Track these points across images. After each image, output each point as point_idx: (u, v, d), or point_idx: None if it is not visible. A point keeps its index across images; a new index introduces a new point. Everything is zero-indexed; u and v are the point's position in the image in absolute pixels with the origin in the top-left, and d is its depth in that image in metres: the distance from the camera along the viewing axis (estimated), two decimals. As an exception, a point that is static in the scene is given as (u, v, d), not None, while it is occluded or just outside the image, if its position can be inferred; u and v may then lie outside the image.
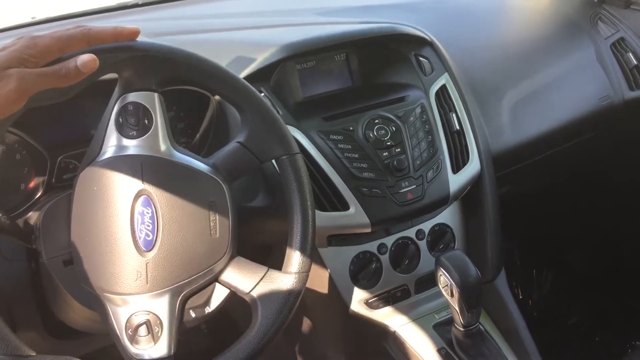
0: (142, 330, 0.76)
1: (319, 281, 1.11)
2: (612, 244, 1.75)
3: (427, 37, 1.21)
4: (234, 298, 0.83)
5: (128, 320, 0.77)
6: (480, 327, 1.05)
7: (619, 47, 1.45)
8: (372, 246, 1.11)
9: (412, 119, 1.09)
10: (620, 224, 1.70)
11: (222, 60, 1.00)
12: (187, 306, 0.80)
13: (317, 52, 1.12)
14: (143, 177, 0.77)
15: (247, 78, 1.02)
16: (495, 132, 1.25)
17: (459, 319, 1.01)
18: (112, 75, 0.77)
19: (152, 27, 1.29)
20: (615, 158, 1.60)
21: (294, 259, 0.82)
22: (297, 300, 0.81)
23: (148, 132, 0.79)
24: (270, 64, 1.06)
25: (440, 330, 1.12)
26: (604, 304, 1.80)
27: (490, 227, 1.19)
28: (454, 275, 0.96)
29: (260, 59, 1.06)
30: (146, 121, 0.79)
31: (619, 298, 1.77)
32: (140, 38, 0.75)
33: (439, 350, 1.08)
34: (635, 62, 1.43)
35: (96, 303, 0.80)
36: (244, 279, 0.81)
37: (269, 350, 0.79)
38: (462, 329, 1.02)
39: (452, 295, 0.98)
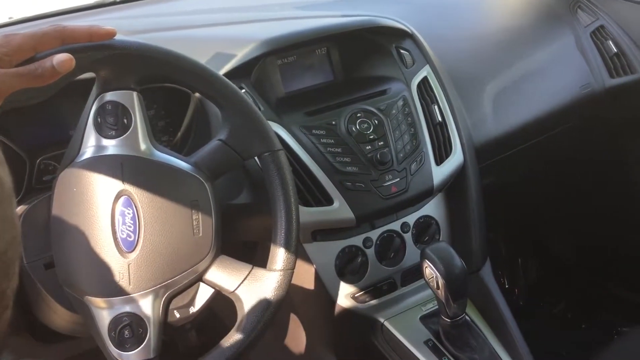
0: (126, 332, 0.76)
1: (305, 277, 1.10)
2: (596, 232, 1.76)
3: (407, 29, 1.21)
4: (220, 296, 0.82)
5: (111, 323, 0.76)
6: (467, 317, 1.06)
7: (599, 35, 1.46)
8: (357, 240, 1.11)
9: (394, 111, 1.09)
10: (603, 212, 1.71)
11: (202, 57, 0.99)
12: (171, 306, 0.79)
13: (298, 46, 1.12)
14: (123, 177, 0.77)
15: (227, 74, 1.01)
16: (478, 123, 1.25)
17: (445, 311, 1.01)
18: (89, 75, 0.76)
19: (129, 25, 1.27)
20: (598, 145, 1.61)
21: (279, 256, 0.82)
22: (282, 297, 0.81)
23: (127, 131, 0.78)
24: (251, 59, 1.05)
25: (427, 322, 1.12)
26: (589, 292, 1.81)
27: (475, 218, 1.19)
28: (439, 267, 0.96)
29: (240, 55, 1.05)
30: (125, 120, 0.78)
31: (604, 286, 1.79)
32: (117, 36, 0.74)
33: (426, 342, 1.08)
34: (615, 50, 1.43)
35: (79, 306, 0.79)
36: (228, 277, 0.80)
37: (256, 348, 0.79)
38: (448, 320, 1.02)
39: (437, 287, 0.98)
